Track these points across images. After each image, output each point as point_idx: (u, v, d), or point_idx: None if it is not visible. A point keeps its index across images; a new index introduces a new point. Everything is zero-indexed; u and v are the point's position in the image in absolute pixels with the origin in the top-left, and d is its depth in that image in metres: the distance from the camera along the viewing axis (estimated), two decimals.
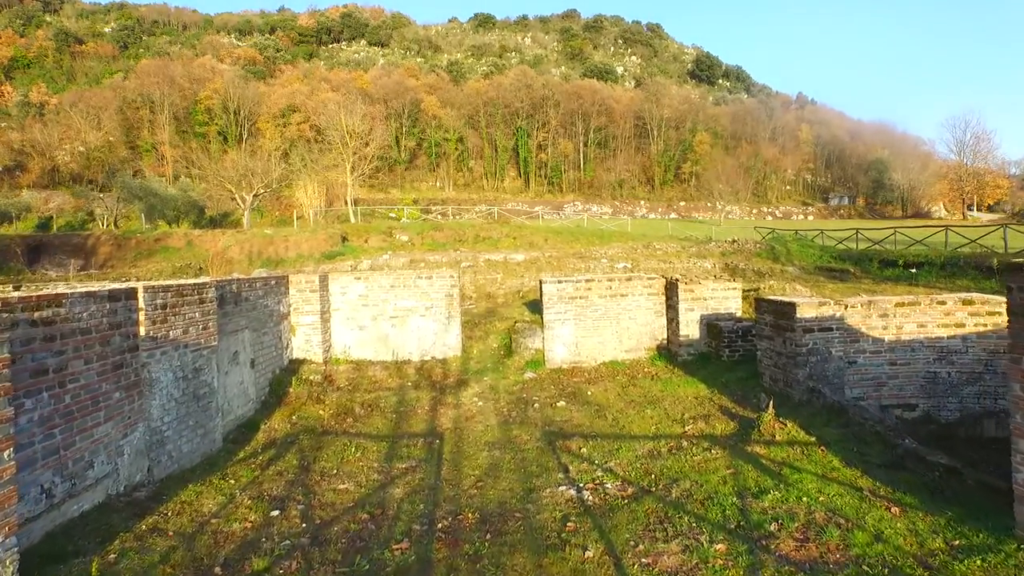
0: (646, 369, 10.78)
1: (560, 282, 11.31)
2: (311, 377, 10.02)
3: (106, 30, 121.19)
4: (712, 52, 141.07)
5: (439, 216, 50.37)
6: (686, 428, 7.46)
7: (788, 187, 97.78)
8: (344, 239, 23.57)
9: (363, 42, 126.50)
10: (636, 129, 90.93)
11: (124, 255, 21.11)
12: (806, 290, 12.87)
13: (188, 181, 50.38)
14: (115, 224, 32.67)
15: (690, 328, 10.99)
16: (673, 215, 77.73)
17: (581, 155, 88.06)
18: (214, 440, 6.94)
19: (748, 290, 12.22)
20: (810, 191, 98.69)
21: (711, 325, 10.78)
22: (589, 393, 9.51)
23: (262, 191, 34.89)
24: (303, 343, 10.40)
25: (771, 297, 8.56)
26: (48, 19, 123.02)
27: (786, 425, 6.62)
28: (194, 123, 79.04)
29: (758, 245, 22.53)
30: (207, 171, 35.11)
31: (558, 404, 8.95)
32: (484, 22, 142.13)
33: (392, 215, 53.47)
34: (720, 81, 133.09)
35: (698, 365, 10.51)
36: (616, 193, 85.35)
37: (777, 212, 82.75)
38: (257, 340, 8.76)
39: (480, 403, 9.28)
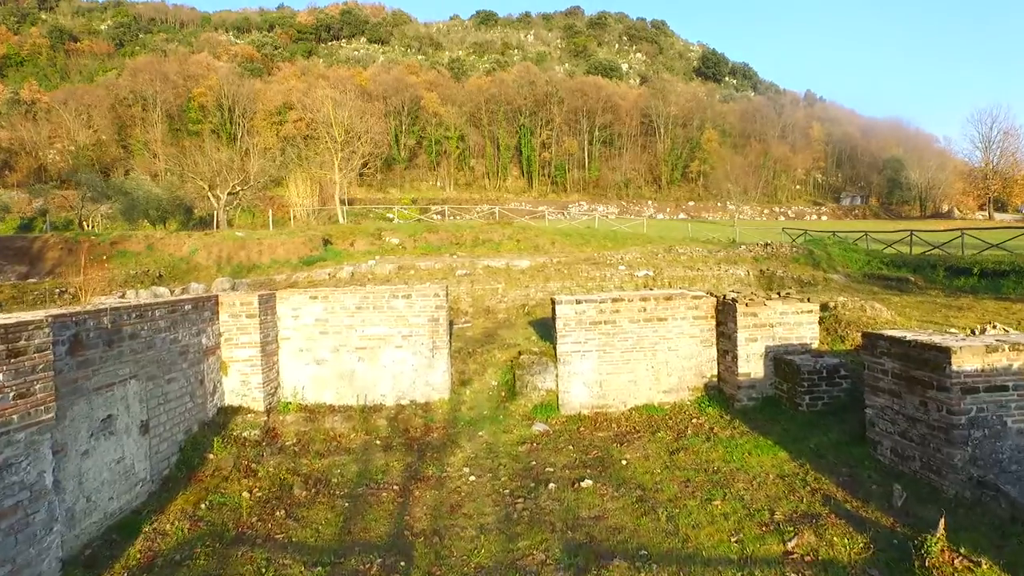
0: (695, 420, 8.14)
1: (579, 302, 8.68)
2: (245, 433, 7.42)
3: (102, 28, 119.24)
4: (718, 49, 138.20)
5: (436, 216, 47.83)
6: (788, 544, 4.82)
7: (798, 186, 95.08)
8: (327, 242, 20.97)
9: (363, 39, 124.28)
10: (642, 127, 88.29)
11: (75, 260, 18.53)
12: (884, 308, 10.22)
13: (175, 180, 47.85)
14: (80, 225, 30.12)
15: (752, 364, 8.35)
16: (682, 215, 75.06)
17: (586, 154, 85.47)
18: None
19: (823, 310, 9.54)
20: (821, 191, 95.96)
21: (782, 361, 8.14)
22: (623, 462, 6.88)
23: (238, 188, 32.23)
24: (238, 385, 7.80)
25: (895, 334, 5.89)
26: (43, 16, 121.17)
27: (978, 566, 3.98)
28: (187, 121, 76.74)
29: (794, 249, 19.87)
30: (183, 168, 32.46)
31: (583, 484, 6.31)
32: (486, 19, 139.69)
33: (390, 215, 51.02)
34: (727, 79, 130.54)
35: (765, 416, 7.87)
36: (622, 193, 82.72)
37: (789, 212, 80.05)
38: (155, 392, 6.15)
39: (473, 478, 6.66)
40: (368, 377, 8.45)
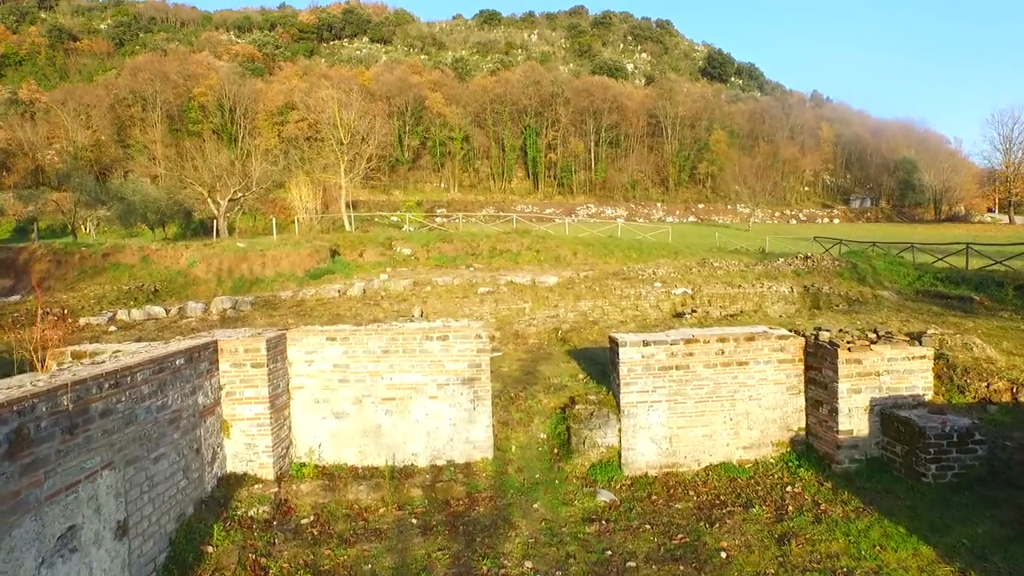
0: (791, 489, 6.78)
1: (646, 343, 7.33)
2: (252, 511, 6.07)
3: (102, 27, 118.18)
4: (723, 49, 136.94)
5: (444, 220, 46.53)
6: None
7: (806, 188, 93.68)
8: (335, 253, 19.62)
9: (365, 39, 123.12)
10: (649, 127, 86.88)
11: (64, 274, 17.20)
12: (986, 344, 8.85)
13: (175, 182, 46.51)
14: (73, 232, 28.71)
15: (854, 419, 7.00)
16: (692, 218, 73.69)
17: (592, 155, 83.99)
18: None
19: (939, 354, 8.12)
20: (829, 193, 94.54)
21: (893, 418, 6.78)
22: (722, 554, 5.53)
23: (240, 194, 30.82)
24: (242, 448, 6.45)
25: None
26: (42, 15, 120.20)
27: None
28: (187, 121, 75.43)
29: (836, 263, 18.52)
30: (182, 172, 30.97)
31: None
32: (489, 19, 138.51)
33: (394, 218, 49.77)
34: (733, 79, 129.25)
35: (877, 486, 6.52)
36: (629, 194, 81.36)
37: (800, 215, 78.71)
38: (137, 478, 4.80)
39: None
40: (397, 433, 7.10)
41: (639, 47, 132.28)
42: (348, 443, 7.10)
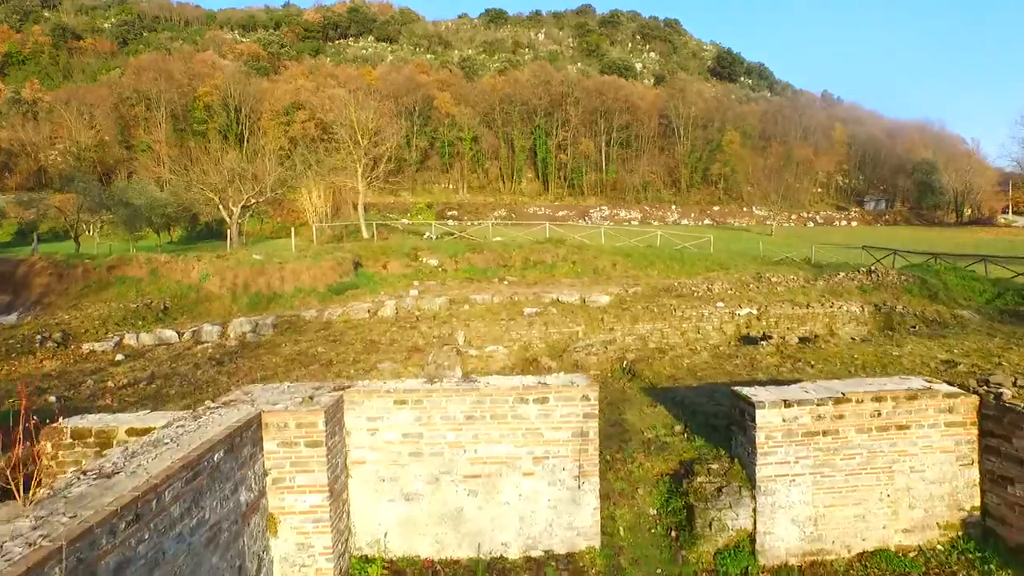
0: None
1: (788, 404, 5.88)
2: None
3: (105, 26, 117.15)
4: (732, 49, 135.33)
5: (457, 223, 45.12)
6: None
7: (819, 190, 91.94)
8: (357, 265, 18.21)
9: (371, 38, 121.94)
10: (660, 128, 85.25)
11: (67, 288, 15.80)
12: None
13: (182, 184, 45.03)
14: (75, 239, 27.23)
15: None
16: (707, 220, 72.08)
17: (603, 155, 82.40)
18: None
19: None
20: (843, 194, 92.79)
21: None
22: None
23: (253, 201, 29.31)
24: (294, 551, 5.01)
25: None
26: (46, 14, 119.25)
27: None
28: (192, 121, 74.08)
29: (903, 278, 17.03)
30: (191, 176, 29.39)
31: None
32: (496, 18, 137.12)
33: (404, 220, 48.39)
34: (742, 79, 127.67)
35: None
36: (641, 196, 79.75)
37: (818, 218, 77.04)
38: None
39: None
40: (483, 519, 5.66)
41: (647, 46, 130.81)
42: (421, 531, 5.66)
